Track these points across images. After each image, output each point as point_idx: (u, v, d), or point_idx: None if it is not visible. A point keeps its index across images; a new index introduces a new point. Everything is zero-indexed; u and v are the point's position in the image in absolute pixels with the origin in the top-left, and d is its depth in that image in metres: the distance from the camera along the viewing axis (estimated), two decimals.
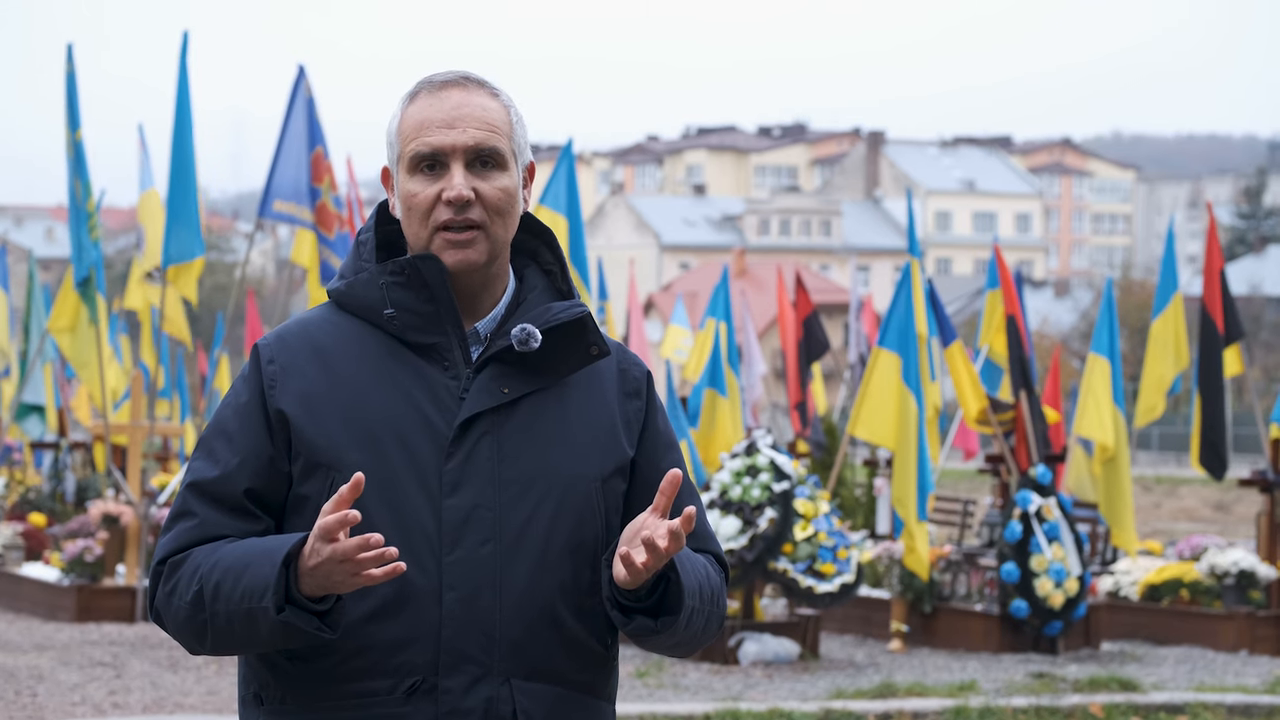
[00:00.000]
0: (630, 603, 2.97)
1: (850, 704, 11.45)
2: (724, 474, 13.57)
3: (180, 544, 2.98)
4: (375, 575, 2.81)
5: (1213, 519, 32.17)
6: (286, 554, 2.85)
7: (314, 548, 2.83)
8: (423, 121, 3.02)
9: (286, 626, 2.86)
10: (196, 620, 2.94)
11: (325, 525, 2.81)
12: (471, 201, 3.00)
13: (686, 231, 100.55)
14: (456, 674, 2.95)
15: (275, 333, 3.09)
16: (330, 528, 2.80)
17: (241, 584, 2.87)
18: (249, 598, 2.87)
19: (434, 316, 3.03)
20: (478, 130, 3.01)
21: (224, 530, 2.97)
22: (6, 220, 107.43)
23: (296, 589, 2.86)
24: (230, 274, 73.02)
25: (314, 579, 2.85)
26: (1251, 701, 11.85)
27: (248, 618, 2.88)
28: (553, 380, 3.06)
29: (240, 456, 2.99)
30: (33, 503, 19.22)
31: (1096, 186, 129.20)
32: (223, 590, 2.89)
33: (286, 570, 2.86)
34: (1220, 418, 16.01)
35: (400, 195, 3.06)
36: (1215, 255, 16.47)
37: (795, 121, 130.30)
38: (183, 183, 15.59)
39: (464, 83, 3.06)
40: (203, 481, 3.00)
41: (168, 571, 2.98)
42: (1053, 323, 74.48)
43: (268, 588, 2.85)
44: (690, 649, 3.12)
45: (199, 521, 2.98)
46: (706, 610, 3.05)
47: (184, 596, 2.94)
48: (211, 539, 2.97)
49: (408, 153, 3.03)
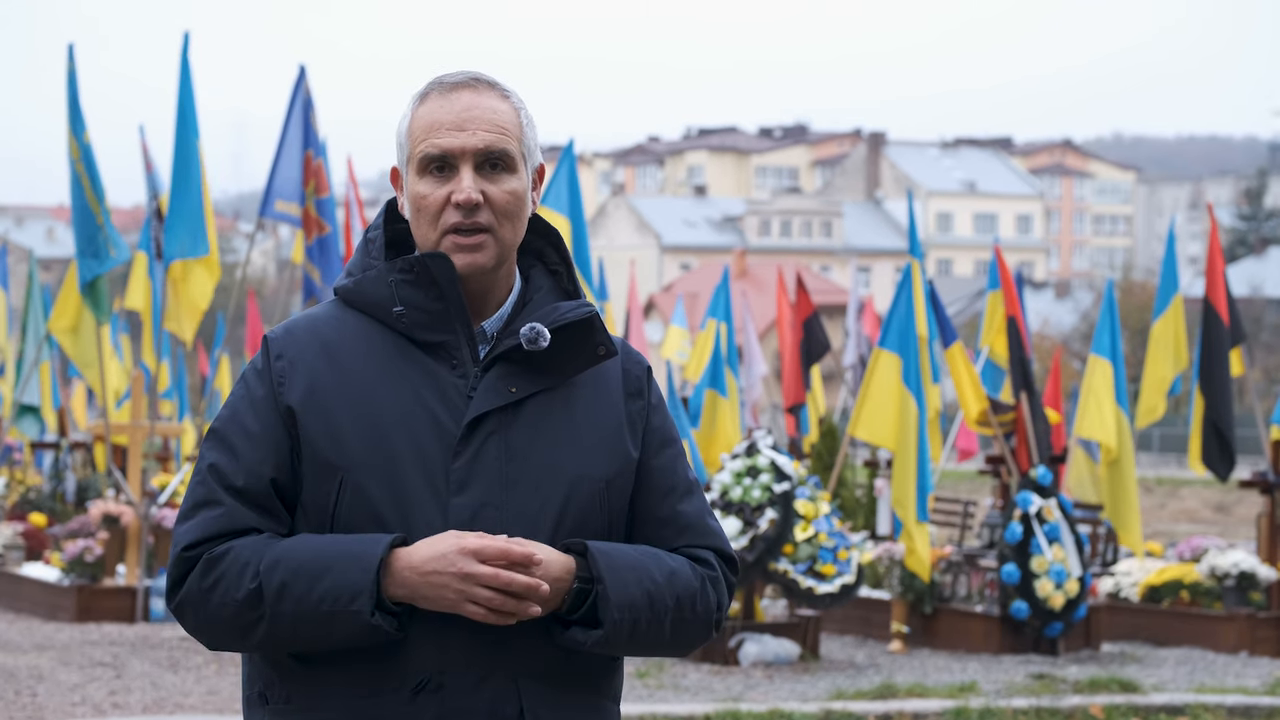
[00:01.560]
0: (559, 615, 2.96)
1: (850, 705, 11.45)
2: (724, 475, 13.57)
3: (207, 533, 2.95)
4: (481, 614, 2.87)
5: (1213, 520, 32.17)
6: (382, 557, 2.87)
7: (448, 557, 2.85)
8: (433, 123, 3.02)
9: (371, 630, 2.88)
10: (247, 618, 2.92)
11: (492, 548, 2.86)
12: (480, 205, 3.00)
13: (687, 232, 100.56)
14: (462, 674, 2.95)
15: (284, 326, 3.08)
16: (497, 554, 2.86)
17: (321, 586, 2.87)
18: (331, 600, 2.87)
19: (443, 315, 3.02)
20: (487, 133, 3.01)
21: (251, 523, 2.96)
22: (7, 220, 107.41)
23: (385, 593, 2.89)
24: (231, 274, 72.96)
25: (410, 587, 2.88)
26: (1252, 703, 11.85)
27: (324, 619, 2.88)
28: (559, 380, 3.06)
29: (261, 451, 2.98)
30: (33, 503, 19.23)
31: (1097, 188, 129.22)
32: (291, 591, 2.88)
33: (380, 574, 2.88)
34: (1228, 416, 15.95)
35: (409, 196, 3.05)
36: (1217, 256, 16.47)
37: (796, 122, 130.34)
38: (186, 181, 15.58)
39: (475, 84, 3.05)
40: (227, 471, 2.97)
41: (204, 565, 2.94)
42: (1053, 324, 74.48)
43: (360, 592, 2.86)
44: (674, 651, 3.09)
45: (225, 511, 2.96)
46: (662, 616, 2.99)
47: (232, 593, 2.91)
48: (239, 531, 2.95)
49: (417, 154, 3.03)
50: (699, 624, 3.06)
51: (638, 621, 2.96)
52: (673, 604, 3.00)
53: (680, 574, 3.04)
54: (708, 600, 3.07)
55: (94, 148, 15.49)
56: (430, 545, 2.89)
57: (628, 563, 2.98)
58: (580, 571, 2.95)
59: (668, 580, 3.01)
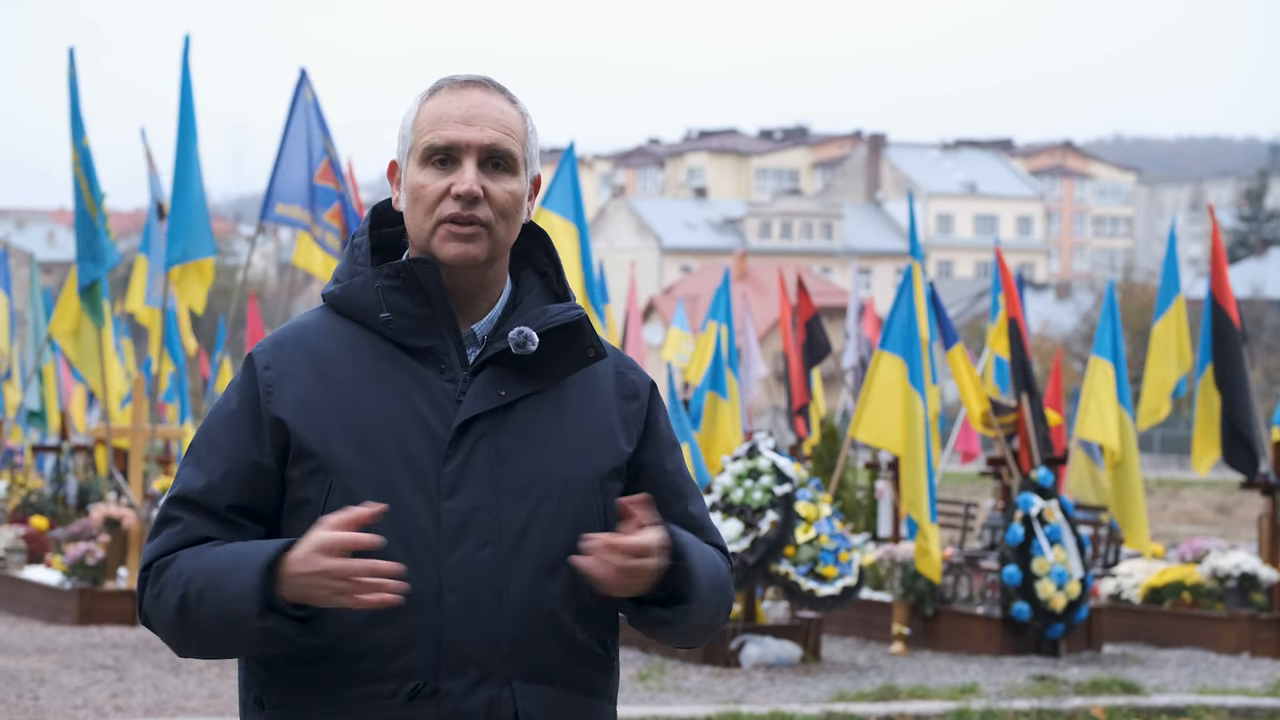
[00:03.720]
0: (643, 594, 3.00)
1: (852, 707, 11.45)
2: (725, 477, 13.57)
3: (165, 549, 2.99)
4: (367, 600, 2.83)
5: (1214, 521, 32.18)
6: (269, 560, 2.86)
7: (307, 557, 2.84)
8: (440, 115, 3.03)
9: (268, 632, 2.88)
10: (182, 624, 2.95)
11: (330, 541, 2.83)
12: (480, 198, 3.01)
13: (687, 234, 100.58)
14: (458, 676, 2.95)
15: (271, 338, 3.09)
16: (334, 545, 2.83)
17: (224, 589, 2.89)
18: (230, 602, 2.88)
19: (430, 320, 3.03)
20: (494, 131, 3.02)
21: (209, 534, 2.98)
22: (8, 223, 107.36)
23: (278, 596, 2.87)
24: (232, 277, 73.00)
25: (295, 588, 2.87)
26: (1253, 704, 11.85)
27: (230, 623, 2.89)
28: (549, 382, 3.07)
29: (226, 466, 3.00)
30: (34, 506, 19.23)
31: (1098, 189, 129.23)
32: (207, 595, 2.91)
33: (269, 576, 2.87)
34: (1247, 415, 15.87)
35: (408, 186, 3.06)
36: (1221, 257, 16.46)
37: (796, 124, 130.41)
38: (186, 184, 15.58)
39: (486, 85, 3.08)
40: (189, 492, 3.01)
41: (153, 575, 2.99)
42: (1054, 325, 74.44)
43: (248, 594, 2.86)
44: (699, 639, 3.15)
45: (183, 526, 2.99)
46: (716, 600, 3.08)
47: (169, 601, 2.95)
48: (192, 543, 2.98)
49: (421, 144, 3.04)
50: (726, 610, 3.15)
51: (705, 600, 3.04)
52: (720, 586, 3.09)
53: (720, 561, 3.13)
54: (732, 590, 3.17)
55: (93, 152, 15.50)
56: (300, 544, 2.88)
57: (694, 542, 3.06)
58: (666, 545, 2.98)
59: (716, 566, 3.10)
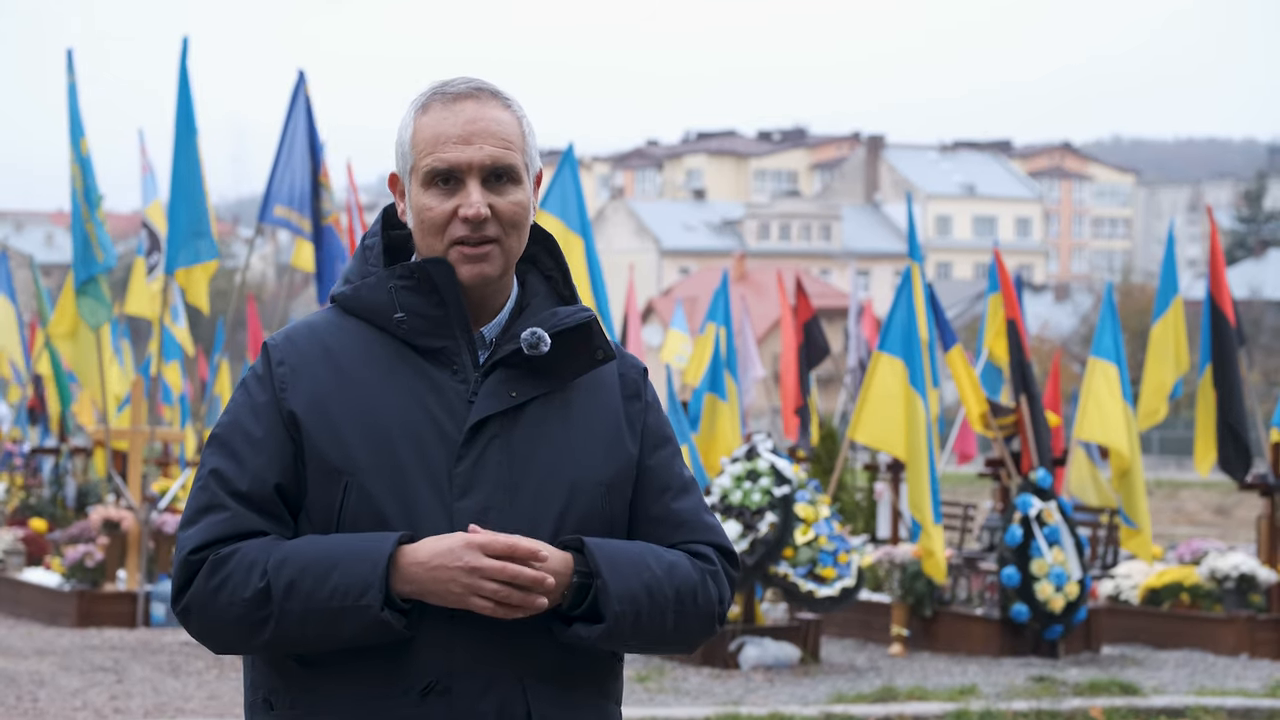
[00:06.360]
0: (560, 611, 2.98)
1: (851, 708, 11.46)
2: (724, 478, 13.58)
3: (213, 536, 2.96)
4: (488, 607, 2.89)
5: (1213, 523, 32.18)
6: (391, 553, 2.89)
7: (454, 551, 2.88)
8: (437, 135, 3.03)
9: (381, 626, 2.89)
10: (255, 617, 2.92)
11: (499, 543, 2.88)
12: (488, 219, 3.02)
13: (686, 236, 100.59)
14: (470, 677, 2.96)
15: (284, 333, 3.09)
16: (504, 548, 2.88)
17: (330, 583, 2.88)
18: (340, 596, 2.88)
19: (443, 320, 3.04)
20: (494, 147, 3.02)
21: (257, 527, 2.96)
22: (7, 226, 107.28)
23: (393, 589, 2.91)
24: (230, 279, 73.01)
25: (417, 583, 2.89)
26: (1252, 705, 11.86)
27: (333, 616, 2.89)
28: (559, 384, 3.08)
29: (266, 456, 2.99)
30: (34, 508, 19.23)
31: (1096, 191, 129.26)
32: (300, 588, 2.89)
33: (389, 569, 2.89)
34: (1243, 416, 15.87)
35: (413, 207, 3.07)
36: (1219, 258, 16.47)
37: (795, 126, 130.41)
38: (187, 187, 15.58)
39: (477, 94, 3.06)
40: (231, 476, 2.98)
41: (211, 566, 2.94)
42: (1053, 327, 74.47)
43: (369, 587, 2.87)
44: (678, 645, 3.10)
45: (230, 515, 2.96)
46: (664, 609, 3.01)
47: (239, 593, 2.92)
48: (245, 534, 2.96)
49: (422, 167, 3.04)
50: (701, 617, 3.07)
51: (639, 614, 2.98)
52: (673, 596, 3.02)
53: (679, 567, 3.05)
54: (708, 593, 3.07)
55: (90, 154, 15.50)
56: (437, 541, 2.91)
57: (626, 557, 3.00)
58: (579, 566, 2.97)
59: (666, 573, 3.03)
